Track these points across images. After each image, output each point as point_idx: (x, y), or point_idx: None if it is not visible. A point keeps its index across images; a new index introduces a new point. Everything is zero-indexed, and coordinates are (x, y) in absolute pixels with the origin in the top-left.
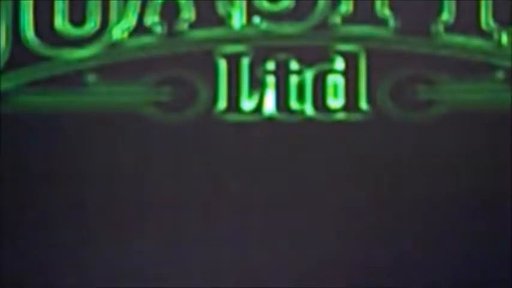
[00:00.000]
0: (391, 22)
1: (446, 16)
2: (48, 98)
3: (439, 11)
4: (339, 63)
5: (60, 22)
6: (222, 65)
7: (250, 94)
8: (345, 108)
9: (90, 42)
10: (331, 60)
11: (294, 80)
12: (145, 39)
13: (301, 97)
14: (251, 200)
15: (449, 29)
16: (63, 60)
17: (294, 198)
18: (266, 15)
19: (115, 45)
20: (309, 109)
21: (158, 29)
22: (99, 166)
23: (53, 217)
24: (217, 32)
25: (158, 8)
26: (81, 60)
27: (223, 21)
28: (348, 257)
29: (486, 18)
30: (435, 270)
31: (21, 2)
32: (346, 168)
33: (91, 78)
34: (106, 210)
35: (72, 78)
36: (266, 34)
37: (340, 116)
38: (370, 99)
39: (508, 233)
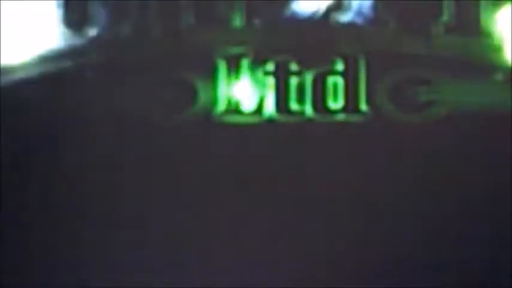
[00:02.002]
0: (391, 23)
1: (446, 17)
2: (48, 98)
3: (439, 12)
4: (339, 65)
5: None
6: (222, 66)
7: (250, 95)
8: (345, 109)
9: (90, 43)
10: (331, 62)
11: (294, 81)
12: (146, 40)
13: (301, 98)
14: (251, 201)
15: (449, 30)
16: (63, 59)
17: (294, 199)
18: (266, 17)
19: (115, 45)
20: (308, 110)
21: (158, 30)
22: (99, 166)
23: (53, 216)
24: (217, 33)
25: (158, 9)
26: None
27: (223, 22)
28: (348, 257)
29: (486, 20)
30: (435, 270)
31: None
32: (346, 169)
33: (91, 78)
34: (106, 210)
35: (72, 78)
36: (266, 35)
37: (340, 117)
38: (369, 101)
39: (508, 232)
